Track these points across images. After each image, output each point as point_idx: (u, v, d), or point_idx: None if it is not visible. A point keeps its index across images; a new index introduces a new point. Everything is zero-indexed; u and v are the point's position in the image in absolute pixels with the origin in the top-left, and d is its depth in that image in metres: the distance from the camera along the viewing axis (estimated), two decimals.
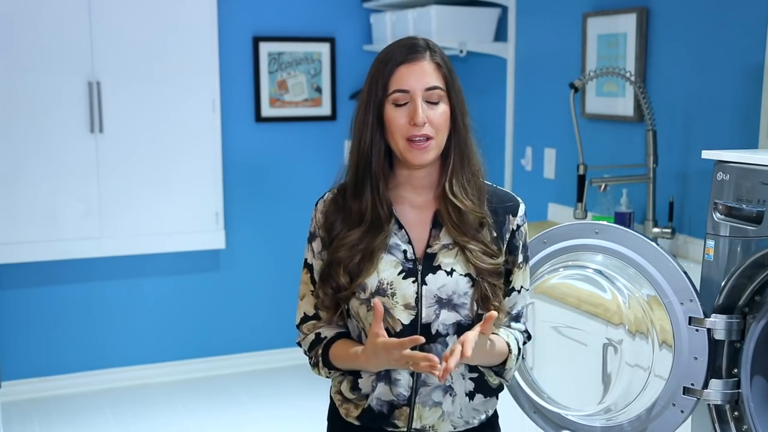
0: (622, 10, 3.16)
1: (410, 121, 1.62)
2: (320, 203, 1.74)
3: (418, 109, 1.61)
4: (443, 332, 1.65)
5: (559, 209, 3.61)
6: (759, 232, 1.82)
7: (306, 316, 1.76)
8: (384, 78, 1.63)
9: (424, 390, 1.66)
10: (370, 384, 1.69)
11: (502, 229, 1.70)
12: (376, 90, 1.64)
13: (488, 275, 1.65)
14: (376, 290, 1.65)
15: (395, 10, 4.32)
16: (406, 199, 1.71)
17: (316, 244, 1.73)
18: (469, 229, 1.66)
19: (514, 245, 1.72)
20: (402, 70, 1.62)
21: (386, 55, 1.66)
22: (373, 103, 1.64)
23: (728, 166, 1.90)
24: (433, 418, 1.68)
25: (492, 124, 4.09)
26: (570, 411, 2.13)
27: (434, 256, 1.66)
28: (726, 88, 2.74)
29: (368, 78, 1.67)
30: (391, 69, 1.63)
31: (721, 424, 1.94)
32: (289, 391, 4.31)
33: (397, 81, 1.62)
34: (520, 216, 1.73)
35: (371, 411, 1.69)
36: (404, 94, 1.62)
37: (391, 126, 1.63)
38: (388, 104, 1.63)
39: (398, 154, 1.66)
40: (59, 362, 4.35)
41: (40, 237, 4.12)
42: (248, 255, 4.62)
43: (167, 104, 4.25)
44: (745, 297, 1.89)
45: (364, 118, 1.65)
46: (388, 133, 1.64)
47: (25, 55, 4.00)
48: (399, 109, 1.63)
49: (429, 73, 1.63)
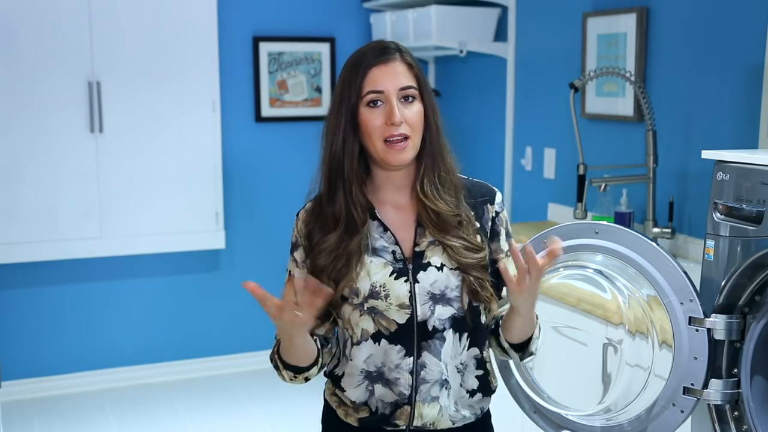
0: (622, 10, 3.16)
1: (387, 121, 1.62)
2: (302, 213, 1.75)
3: (394, 108, 1.62)
4: (440, 327, 1.67)
5: (559, 209, 3.61)
6: (759, 232, 1.82)
7: None
8: (357, 80, 1.64)
9: (424, 387, 1.67)
10: (365, 389, 1.69)
11: (482, 220, 1.73)
12: (349, 94, 1.64)
13: (473, 269, 1.67)
14: (369, 294, 1.65)
15: (395, 10, 4.32)
16: (389, 202, 1.72)
17: (298, 254, 1.73)
18: (449, 227, 1.68)
19: (495, 231, 1.75)
20: (375, 71, 1.63)
21: (357, 58, 1.67)
22: (346, 107, 1.64)
23: (728, 166, 1.90)
24: (433, 415, 1.68)
25: (492, 124, 4.09)
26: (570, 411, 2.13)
27: (422, 253, 1.68)
28: (726, 88, 2.74)
29: (339, 83, 1.67)
30: (364, 71, 1.64)
31: (721, 424, 1.94)
32: (289, 391, 4.30)
33: (371, 82, 1.63)
34: (497, 203, 1.76)
35: (375, 413, 1.69)
36: (379, 95, 1.63)
37: (368, 128, 1.64)
38: (363, 106, 1.64)
39: (375, 156, 1.66)
40: (59, 362, 4.35)
41: (40, 237, 4.12)
42: (248, 255, 4.62)
43: (167, 104, 4.25)
44: (745, 297, 1.88)
45: (336, 122, 1.66)
46: (364, 135, 1.65)
47: (25, 55, 4.00)
48: (374, 110, 1.64)
49: (402, 73, 1.65)
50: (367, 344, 1.67)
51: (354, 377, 1.70)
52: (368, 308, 1.66)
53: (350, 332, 1.69)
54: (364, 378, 1.69)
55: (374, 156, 1.67)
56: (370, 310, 1.66)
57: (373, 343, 1.67)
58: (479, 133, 4.22)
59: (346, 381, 1.71)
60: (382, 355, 1.67)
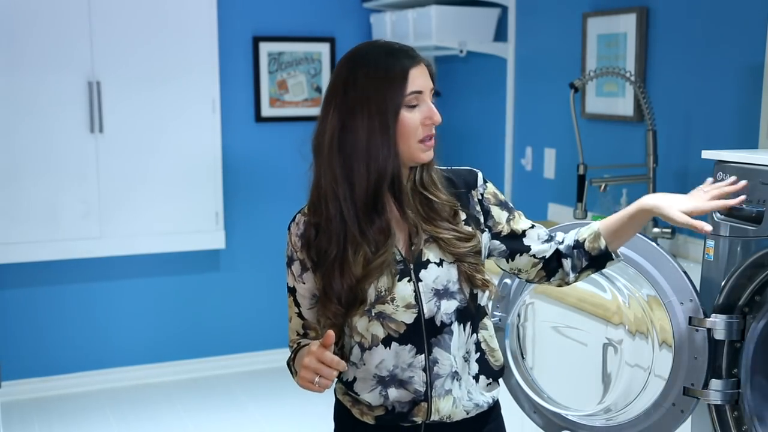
0: (622, 10, 3.16)
1: (426, 121, 1.64)
2: (293, 227, 1.74)
3: (433, 108, 1.66)
4: (447, 321, 1.68)
5: (559, 209, 3.61)
6: (759, 232, 1.82)
7: (298, 334, 1.77)
8: (396, 83, 1.62)
9: (438, 382, 1.68)
10: (378, 394, 1.70)
11: (469, 207, 1.74)
12: (387, 98, 1.62)
13: (466, 257, 1.69)
14: (375, 299, 1.66)
15: (395, 10, 4.32)
16: None
17: (295, 268, 1.73)
18: (439, 219, 1.69)
19: (486, 210, 1.76)
20: (414, 72, 1.64)
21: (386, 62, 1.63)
22: (389, 112, 1.62)
23: (728, 166, 1.90)
24: (448, 408, 1.70)
25: (492, 124, 4.09)
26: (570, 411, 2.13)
27: (421, 252, 1.68)
28: (726, 88, 2.74)
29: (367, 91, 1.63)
30: (404, 73, 1.63)
31: (721, 424, 1.94)
32: (289, 391, 4.31)
33: (413, 83, 1.64)
34: (479, 185, 1.77)
35: (391, 411, 1.70)
36: (419, 95, 1.64)
37: (408, 129, 1.64)
38: (404, 108, 1.64)
39: (404, 156, 1.66)
40: (59, 362, 4.35)
41: (40, 237, 4.12)
42: (248, 255, 4.62)
43: (167, 104, 4.25)
44: (745, 297, 1.89)
45: (381, 130, 1.62)
46: (401, 137, 1.64)
47: (25, 55, 4.00)
48: (413, 111, 1.64)
49: (427, 74, 1.68)
50: (378, 349, 1.68)
51: (367, 382, 1.70)
52: (376, 314, 1.67)
53: (358, 339, 1.70)
54: (377, 383, 1.69)
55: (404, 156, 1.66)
56: (378, 315, 1.67)
57: (384, 348, 1.67)
58: (479, 133, 4.22)
59: (359, 386, 1.72)
60: (393, 357, 1.67)
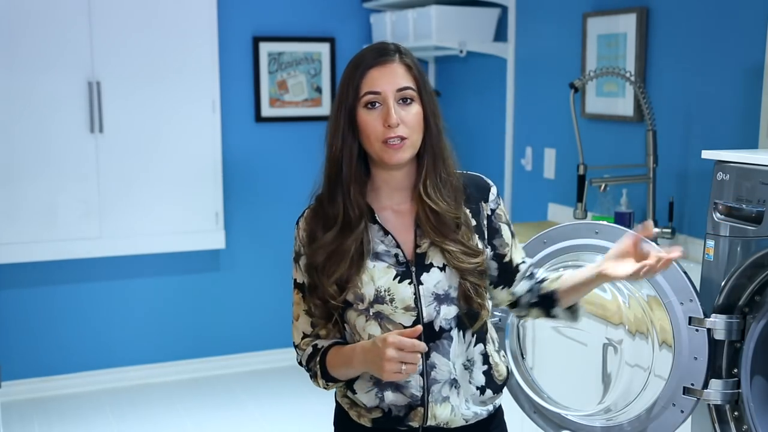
0: (622, 10, 3.16)
1: (384, 123, 1.63)
2: (301, 221, 1.75)
3: (390, 110, 1.62)
4: (446, 327, 1.67)
5: (559, 209, 3.61)
6: (759, 232, 1.82)
7: (305, 335, 1.76)
8: (355, 82, 1.64)
9: (435, 387, 1.68)
10: (374, 396, 1.69)
11: (478, 217, 1.73)
12: (347, 95, 1.65)
13: (470, 275, 1.67)
14: (374, 299, 1.66)
15: (395, 10, 4.32)
16: (388, 206, 1.72)
17: (302, 262, 1.73)
18: (447, 230, 1.68)
19: (494, 228, 1.75)
20: (373, 72, 1.64)
21: (357, 60, 1.67)
22: (345, 108, 1.65)
23: (728, 166, 1.90)
24: (446, 415, 1.69)
25: (492, 124, 4.09)
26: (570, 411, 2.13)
27: (424, 255, 1.68)
28: (726, 88, 2.74)
29: (340, 84, 1.68)
30: (362, 72, 1.64)
31: (721, 424, 1.94)
32: (289, 391, 4.31)
33: (369, 83, 1.63)
34: (492, 200, 1.76)
35: (388, 414, 1.70)
36: (376, 96, 1.63)
37: (366, 129, 1.64)
38: (361, 108, 1.64)
39: (374, 156, 1.67)
40: (59, 362, 4.35)
41: (40, 237, 4.12)
42: (248, 255, 4.62)
43: (167, 104, 4.25)
44: (745, 297, 1.89)
45: (336, 124, 1.67)
46: (363, 136, 1.65)
47: (25, 55, 4.00)
48: (372, 111, 1.64)
49: (400, 75, 1.65)
50: None
51: (365, 382, 1.71)
52: (374, 313, 1.67)
53: (357, 338, 1.70)
54: (374, 384, 1.69)
55: (373, 156, 1.67)
56: (376, 315, 1.67)
57: None
58: (479, 133, 4.22)
59: (358, 384, 1.72)
60: None
